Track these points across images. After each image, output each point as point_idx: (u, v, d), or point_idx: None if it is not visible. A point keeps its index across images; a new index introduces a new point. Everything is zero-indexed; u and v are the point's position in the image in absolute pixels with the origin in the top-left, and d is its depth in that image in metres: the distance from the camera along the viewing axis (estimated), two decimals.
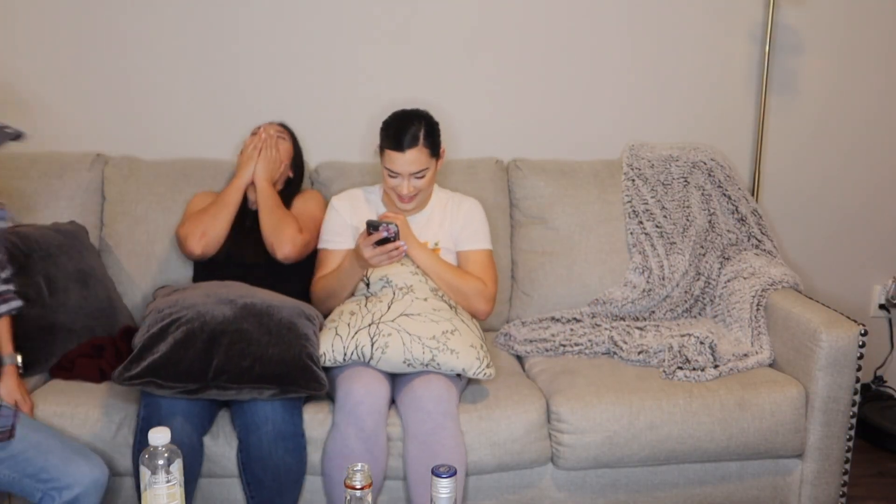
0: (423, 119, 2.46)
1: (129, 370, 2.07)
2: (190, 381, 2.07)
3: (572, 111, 3.09)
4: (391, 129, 2.43)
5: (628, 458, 2.36)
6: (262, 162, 2.61)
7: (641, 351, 2.57)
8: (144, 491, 1.53)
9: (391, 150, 2.41)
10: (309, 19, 2.91)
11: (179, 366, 2.07)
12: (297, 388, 2.13)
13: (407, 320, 2.24)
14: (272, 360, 2.11)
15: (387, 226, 2.26)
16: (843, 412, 2.44)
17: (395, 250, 2.28)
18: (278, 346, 2.14)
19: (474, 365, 2.21)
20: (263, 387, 2.10)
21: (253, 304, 2.20)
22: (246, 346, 2.12)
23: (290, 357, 2.13)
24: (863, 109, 3.22)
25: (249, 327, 2.15)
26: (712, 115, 3.15)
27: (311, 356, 2.17)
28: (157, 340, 2.11)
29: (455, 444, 2.19)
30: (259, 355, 2.11)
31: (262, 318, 2.17)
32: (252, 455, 2.15)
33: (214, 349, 2.10)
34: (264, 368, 2.10)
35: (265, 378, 2.10)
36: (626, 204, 2.91)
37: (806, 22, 3.10)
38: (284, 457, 2.15)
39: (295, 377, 2.12)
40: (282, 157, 2.67)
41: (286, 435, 2.16)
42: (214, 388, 2.09)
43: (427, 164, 2.44)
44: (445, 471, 1.53)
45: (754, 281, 2.73)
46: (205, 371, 2.08)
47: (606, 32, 3.05)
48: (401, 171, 2.42)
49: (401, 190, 2.44)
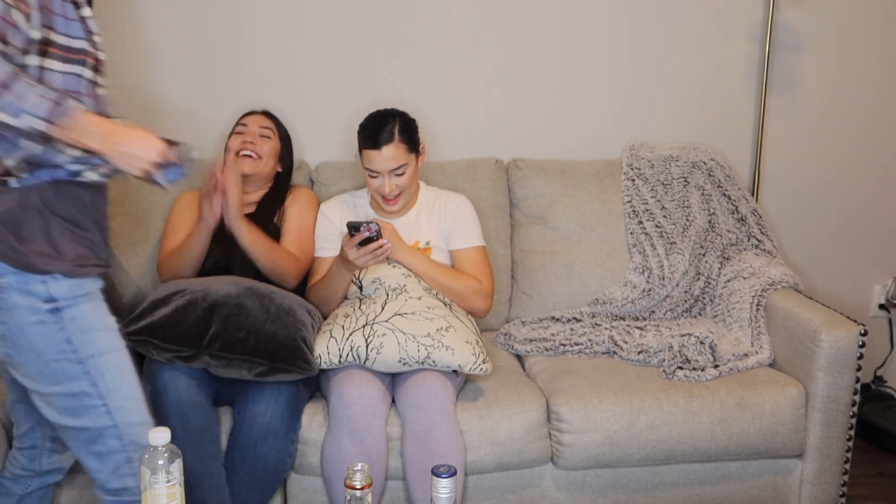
0: (398, 116, 2.47)
1: (128, 326, 2.12)
2: (185, 345, 2.12)
3: (572, 111, 3.09)
4: (368, 130, 2.45)
5: (628, 457, 2.36)
6: (227, 206, 2.36)
7: (641, 351, 2.58)
8: (144, 491, 1.53)
9: (368, 150, 2.43)
10: (309, 19, 2.91)
11: (178, 329, 2.13)
12: (286, 367, 2.15)
13: (401, 320, 2.24)
14: (266, 336, 2.15)
15: (368, 225, 2.26)
16: (843, 412, 2.44)
17: (379, 249, 2.28)
18: (274, 324, 2.18)
19: (470, 361, 2.22)
20: (254, 360, 2.13)
21: (257, 288, 2.26)
22: (244, 319, 2.16)
23: (285, 336, 2.17)
24: (863, 109, 3.22)
25: (250, 304, 2.19)
26: (712, 115, 3.15)
27: (305, 339, 2.20)
28: (160, 305, 2.18)
29: (452, 440, 2.19)
30: (255, 329, 2.15)
31: (263, 299, 2.22)
32: (238, 442, 2.18)
33: (213, 317, 2.15)
34: (258, 343, 2.14)
35: (257, 352, 2.13)
36: (626, 204, 2.91)
37: (806, 22, 3.10)
38: (267, 454, 2.17)
39: (285, 356, 2.15)
40: (269, 153, 2.63)
41: (277, 433, 2.17)
42: (208, 355, 2.12)
43: (405, 160, 2.44)
44: (445, 471, 1.53)
45: (754, 281, 2.73)
46: (201, 337, 2.12)
47: (606, 32, 3.05)
48: (380, 169, 2.43)
49: (383, 190, 2.45)
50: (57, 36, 1.64)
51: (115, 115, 1.78)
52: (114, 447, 1.76)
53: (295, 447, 2.24)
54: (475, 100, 3.04)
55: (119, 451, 1.76)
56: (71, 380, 1.71)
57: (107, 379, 1.73)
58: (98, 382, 1.72)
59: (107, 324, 1.76)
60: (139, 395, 1.79)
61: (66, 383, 1.71)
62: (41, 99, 1.53)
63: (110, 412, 1.74)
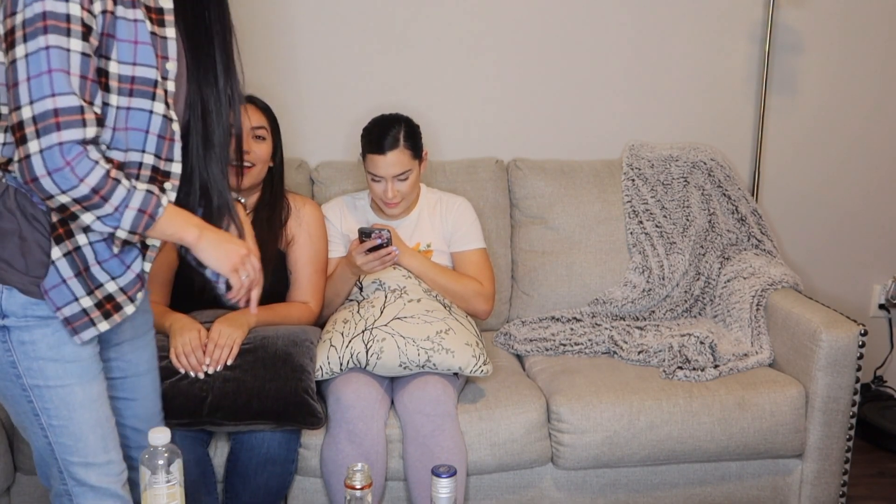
0: (403, 122, 2.47)
1: None
2: (184, 416, 2.04)
3: (572, 111, 3.09)
4: (372, 134, 2.44)
5: (628, 457, 2.36)
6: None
7: (641, 351, 2.58)
8: (144, 491, 1.53)
9: (373, 154, 2.42)
10: (310, 19, 2.91)
11: (173, 402, 2.02)
12: (293, 423, 2.12)
13: (400, 323, 2.24)
14: (269, 396, 2.08)
15: (379, 232, 2.29)
16: (843, 412, 2.44)
17: (388, 255, 2.30)
18: (275, 380, 2.10)
19: (471, 363, 2.22)
20: (260, 422, 2.09)
21: (244, 343, 2.16)
22: (240, 381, 2.08)
23: (288, 391, 2.10)
24: (863, 109, 3.21)
25: (241, 361, 2.12)
26: (712, 115, 3.15)
27: (307, 389, 2.14)
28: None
29: (454, 444, 2.19)
30: (255, 392, 2.08)
31: (255, 351, 2.15)
32: (238, 470, 2.15)
33: (205, 384, 2.07)
34: (262, 405, 2.07)
35: (263, 414, 2.08)
36: (626, 204, 2.91)
37: (806, 22, 3.10)
38: (268, 480, 2.15)
39: (291, 413, 2.10)
40: (264, 158, 2.40)
41: (276, 460, 2.15)
42: (210, 423, 2.07)
43: (409, 166, 2.44)
44: (445, 471, 1.53)
45: (754, 281, 2.73)
46: (199, 406, 2.05)
47: (606, 32, 3.05)
48: (383, 174, 2.42)
49: (385, 195, 2.44)
50: (118, 66, 1.48)
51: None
52: (55, 474, 1.63)
53: (294, 466, 2.22)
54: (475, 100, 3.04)
55: (59, 482, 1.63)
56: (15, 401, 1.58)
57: (51, 413, 1.56)
58: (41, 413, 1.56)
59: (64, 354, 1.54)
60: (92, 435, 1.59)
61: (11, 402, 1.60)
62: (133, 212, 1.45)
63: (51, 445, 1.59)
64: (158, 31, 1.54)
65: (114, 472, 1.64)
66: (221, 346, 2.11)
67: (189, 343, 2.10)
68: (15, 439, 2.22)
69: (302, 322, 2.35)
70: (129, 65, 1.49)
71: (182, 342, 2.11)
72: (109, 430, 1.63)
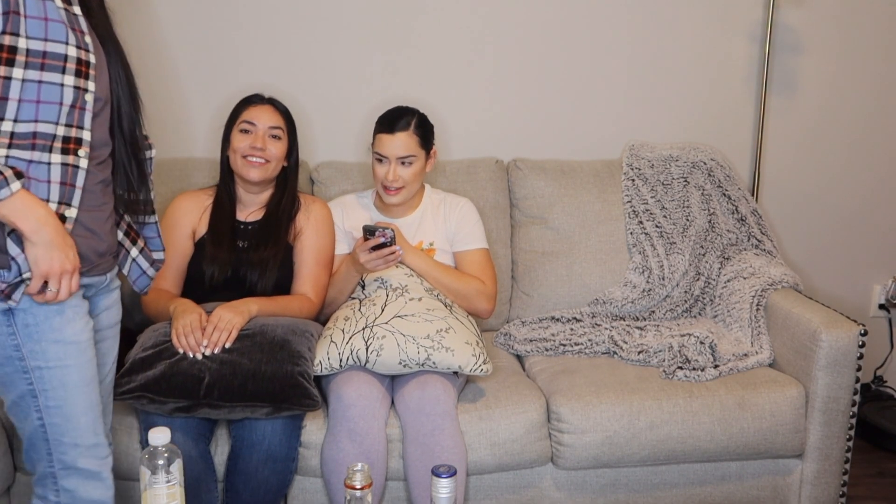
0: (418, 113, 2.53)
1: (120, 385, 2.07)
2: (183, 396, 2.07)
3: (572, 111, 3.09)
4: (386, 116, 2.51)
5: (628, 457, 2.36)
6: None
7: (641, 351, 2.58)
8: (144, 491, 1.54)
9: (382, 133, 2.47)
10: (310, 19, 2.91)
11: (172, 381, 2.07)
12: (289, 406, 2.12)
13: (401, 322, 2.24)
14: (265, 378, 2.10)
15: (383, 230, 2.30)
16: (843, 412, 2.44)
17: (392, 254, 2.31)
18: (270, 364, 2.12)
19: (471, 362, 2.22)
20: (256, 405, 2.10)
21: (244, 329, 2.20)
22: (237, 363, 2.11)
23: (283, 374, 2.12)
24: (862, 109, 3.22)
25: (239, 345, 2.15)
26: (712, 115, 3.15)
27: (304, 373, 2.15)
28: (154, 359, 2.12)
29: (454, 444, 2.19)
30: (251, 373, 2.10)
31: (253, 336, 2.17)
32: (238, 468, 2.15)
33: (202, 366, 2.10)
34: (257, 386, 2.09)
35: (258, 396, 2.09)
36: (626, 204, 2.91)
37: (806, 22, 3.11)
38: (269, 477, 2.16)
39: (287, 394, 2.11)
40: (279, 156, 2.46)
41: (277, 457, 2.15)
42: (207, 405, 2.08)
43: (415, 152, 2.47)
44: (445, 471, 1.53)
45: (754, 281, 2.73)
46: (196, 388, 2.07)
47: (606, 32, 3.05)
48: (388, 153, 2.45)
49: (387, 177, 2.46)
50: (28, 41, 1.52)
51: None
52: (43, 456, 1.69)
53: (294, 464, 2.22)
54: (476, 100, 3.04)
55: (46, 464, 1.70)
56: (13, 383, 1.64)
57: (49, 395, 1.64)
58: (39, 395, 1.64)
59: (66, 335, 1.63)
60: (84, 417, 1.69)
61: (8, 384, 1.66)
62: None
63: (44, 426, 1.66)
64: (68, 8, 1.61)
65: (100, 455, 1.74)
66: (220, 330, 2.17)
67: (189, 325, 2.17)
68: (15, 439, 2.22)
69: (302, 314, 2.39)
70: (39, 40, 1.54)
71: (183, 323, 2.17)
72: (98, 414, 1.73)
